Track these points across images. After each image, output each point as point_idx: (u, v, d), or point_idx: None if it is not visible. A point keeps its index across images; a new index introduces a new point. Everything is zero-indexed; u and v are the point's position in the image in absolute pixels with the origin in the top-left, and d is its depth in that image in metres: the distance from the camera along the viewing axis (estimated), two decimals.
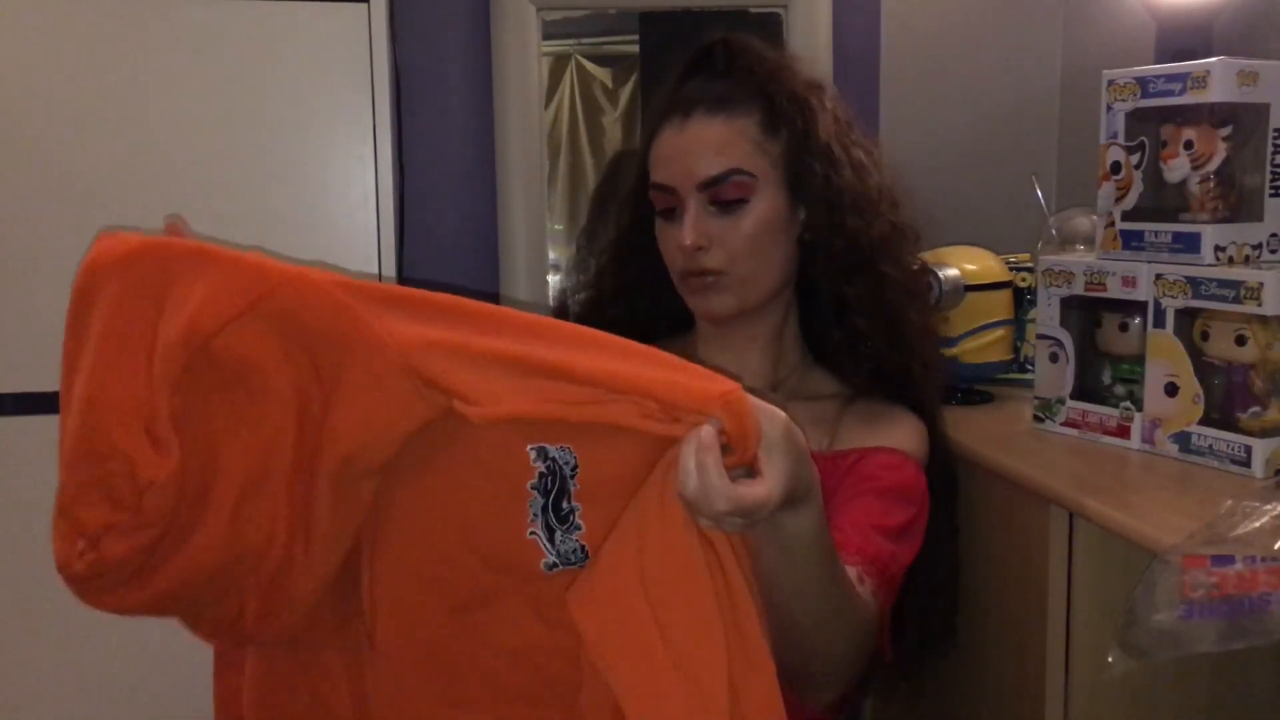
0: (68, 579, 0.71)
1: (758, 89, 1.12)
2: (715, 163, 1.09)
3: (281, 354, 0.71)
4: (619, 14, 2.06)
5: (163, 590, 0.73)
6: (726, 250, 1.10)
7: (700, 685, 0.72)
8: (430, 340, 0.71)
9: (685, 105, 1.12)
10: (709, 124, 1.10)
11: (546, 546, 0.78)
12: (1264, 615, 0.89)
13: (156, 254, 0.70)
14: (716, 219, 1.10)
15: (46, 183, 1.52)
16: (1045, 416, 1.32)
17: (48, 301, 1.54)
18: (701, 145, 1.10)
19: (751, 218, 1.10)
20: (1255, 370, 1.12)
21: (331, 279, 0.71)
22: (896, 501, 1.07)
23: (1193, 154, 1.17)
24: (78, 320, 0.70)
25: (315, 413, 0.73)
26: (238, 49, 1.55)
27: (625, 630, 0.73)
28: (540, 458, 0.75)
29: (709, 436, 0.70)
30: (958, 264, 1.49)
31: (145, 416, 0.68)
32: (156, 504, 0.68)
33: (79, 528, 0.69)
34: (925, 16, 2.06)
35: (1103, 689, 1.11)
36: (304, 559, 0.76)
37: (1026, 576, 1.16)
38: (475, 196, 1.98)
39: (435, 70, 1.95)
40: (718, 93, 1.12)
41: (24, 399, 1.54)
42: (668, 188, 1.12)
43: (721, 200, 1.09)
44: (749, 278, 1.11)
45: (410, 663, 0.83)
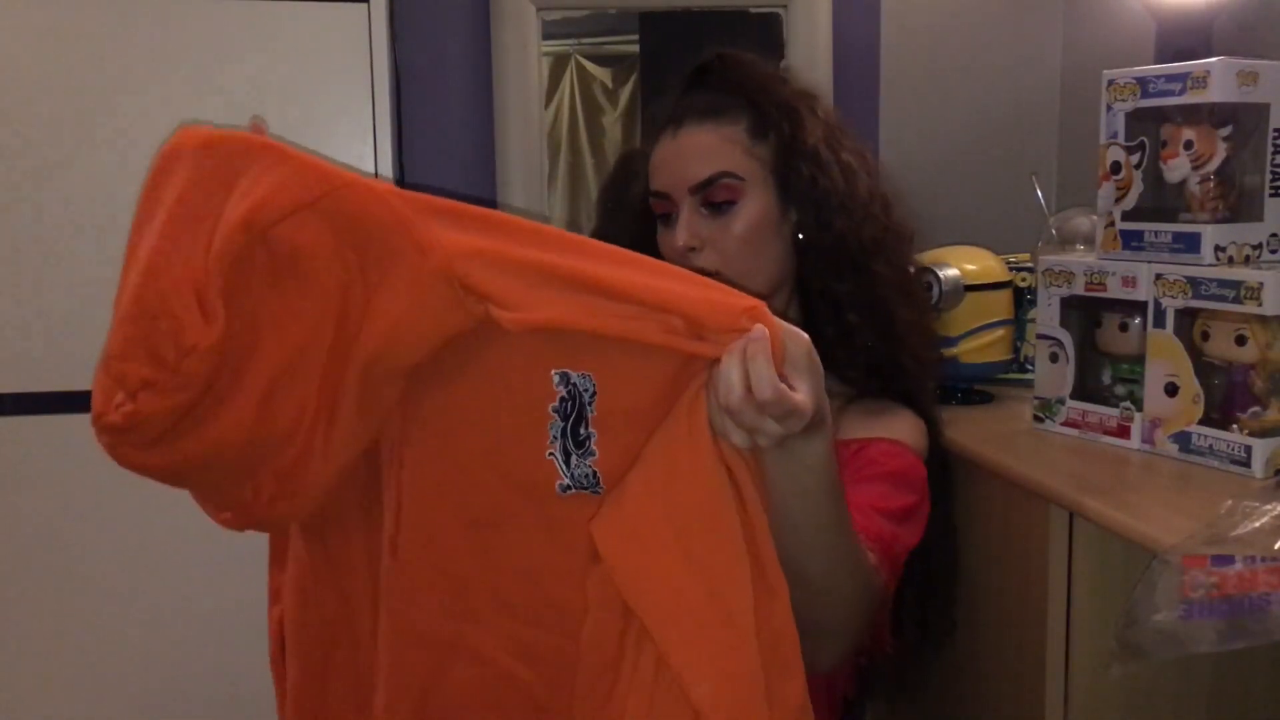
0: (100, 429, 0.74)
1: (746, 97, 1.16)
2: (704, 167, 1.13)
3: (333, 251, 0.74)
4: (619, 14, 2.06)
5: (187, 457, 0.76)
6: (718, 251, 1.13)
7: (730, 613, 0.74)
8: (476, 248, 0.74)
9: (678, 116, 1.17)
10: (698, 131, 1.15)
11: (563, 468, 0.80)
12: (1264, 615, 0.89)
13: (233, 144, 0.73)
14: (708, 221, 1.14)
15: (46, 182, 1.52)
16: (1045, 416, 1.32)
17: (48, 301, 1.55)
18: (692, 151, 1.14)
19: (742, 219, 1.13)
20: (1255, 370, 1.12)
21: (390, 189, 0.75)
22: (898, 486, 1.08)
23: (1193, 154, 1.17)
24: (152, 192, 0.74)
25: (355, 312, 0.76)
26: (238, 49, 1.55)
27: (653, 560, 0.76)
28: (562, 382, 0.78)
29: (760, 331, 0.71)
30: (958, 264, 1.49)
31: (199, 287, 0.71)
32: (195, 368, 0.71)
33: (121, 380, 0.72)
34: (925, 16, 2.06)
35: (1103, 689, 1.11)
36: (322, 448, 0.79)
37: (1026, 576, 1.16)
38: (475, 196, 1.97)
39: (435, 70, 1.95)
40: (708, 103, 1.17)
41: (24, 399, 1.55)
42: (663, 194, 1.16)
43: (712, 202, 1.13)
44: (742, 278, 1.13)
45: (423, 573, 0.85)
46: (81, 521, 1.57)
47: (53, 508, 1.57)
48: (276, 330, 0.76)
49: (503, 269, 0.74)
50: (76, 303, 1.54)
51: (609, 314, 0.73)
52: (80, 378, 1.55)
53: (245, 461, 0.79)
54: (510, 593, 0.84)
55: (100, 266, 1.54)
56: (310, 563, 0.89)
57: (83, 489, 1.56)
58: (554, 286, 0.73)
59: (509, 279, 0.74)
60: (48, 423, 1.56)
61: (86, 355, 1.63)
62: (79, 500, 1.57)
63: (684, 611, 0.75)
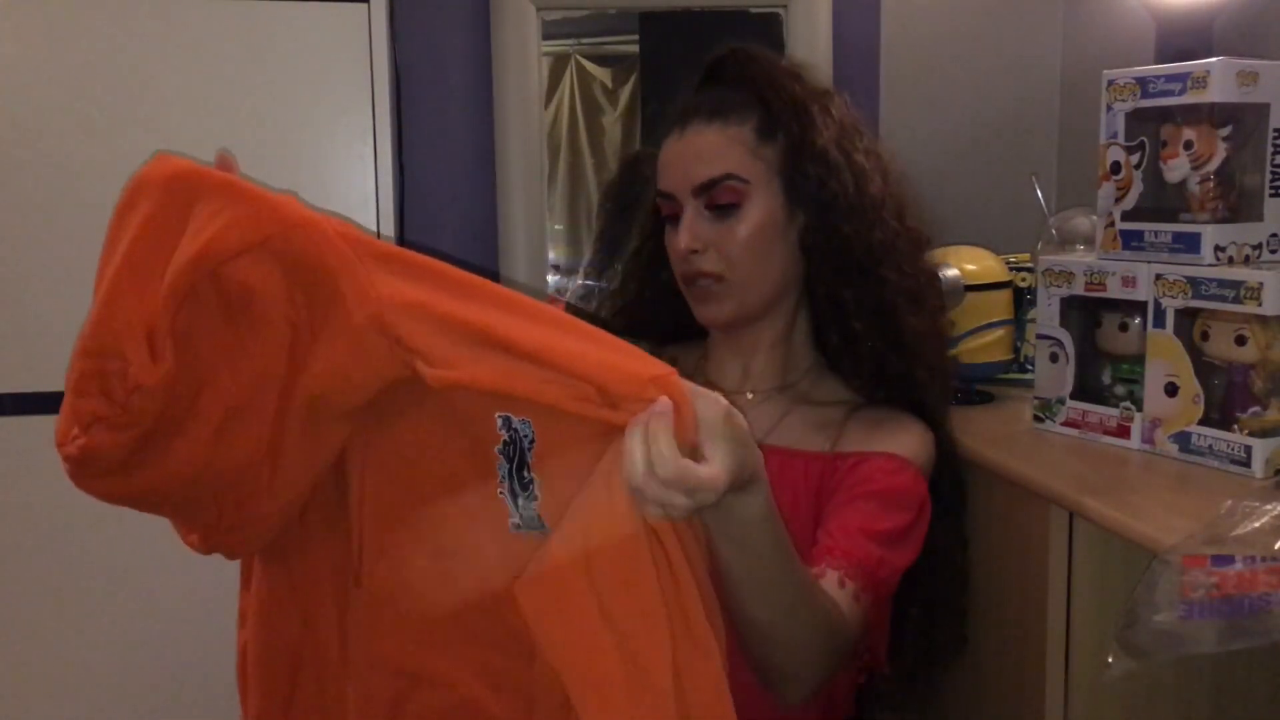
0: (62, 457, 0.78)
1: (755, 95, 1.13)
2: (709, 168, 1.11)
3: (284, 291, 0.76)
4: (619, 14, 2.06)
5: (144, 487, 0.79)
6: (722, 254, 1.11)
7: (645, 670, 0.73)
8: (408, 301, 0.75)
9: (685, 115, 1.15)
10: (704, 131, 1.12)
11: (512, 508, 0.80)
12: (1264, 615, 0.89)
13: (192, 180, 0.74)
14: (712, 223, 1.12)
15: (46, 183, 1.52)
16: (1045, 416, 1.32)
17: (48, 301, 1.55)
18: (696, 151, 1.12)
19: (746, 222, 1.11)
20: (1255, 370, 1.12)
21: (339, 229, 0.76)
22: (889, 506, 1.06)
23: (1193, 154, 1.17)
24: (118, 223, 0.77)
25: (303, 351, 0.78)
26: (238, 49, 1.55)
27: (572, 622, 0.75)
28: (505, 426, 0.78)
29: (664, 405, 0.70)
30: (958, 264, 1.49)
31: (150, 325, 0.73)
32: (143, 405, 0.74)
33: (76, 414, 0.75)
34: (925, 16, 2.06)
35: (1103, 689, 1.11)
36: (268, 484, 0.81)
37: (1026, 576, 1.16)
38: (475, 196, 1.98)
39: (435, 70, 1.95)
40: (716, 101, 1.14)
41: (24, 399, 1.54)
42: (668, 195, 1.14)
43: (716, 205, 1.11)
44: (747, 282, 1.12)
45: (390, 602, 0.86)
46: (81, 521, 1.57)
47: (53, 508, 1.56)
48: (230, 366, 0.77)
49: (431, 324, 0.74)
50: (76, 303, 1.54)
51: (525, 377, 0.73)
52: None
53: (203, 491, 0.81)
54: (476, 622, 0.84)
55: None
56: (271, 588, 0.89)
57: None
58: (476, 346, 0.74)
59: (435, 335, 0.74)
60: (48, 423, 1.55)
61: None
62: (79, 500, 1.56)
63: (601, 675, 0.74)
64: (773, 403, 1.17)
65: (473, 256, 1.98)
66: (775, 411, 1.16)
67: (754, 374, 1.18)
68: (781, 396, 1.17)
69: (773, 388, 1.18)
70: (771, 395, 1.18)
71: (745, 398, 1.18)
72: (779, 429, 1.15)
